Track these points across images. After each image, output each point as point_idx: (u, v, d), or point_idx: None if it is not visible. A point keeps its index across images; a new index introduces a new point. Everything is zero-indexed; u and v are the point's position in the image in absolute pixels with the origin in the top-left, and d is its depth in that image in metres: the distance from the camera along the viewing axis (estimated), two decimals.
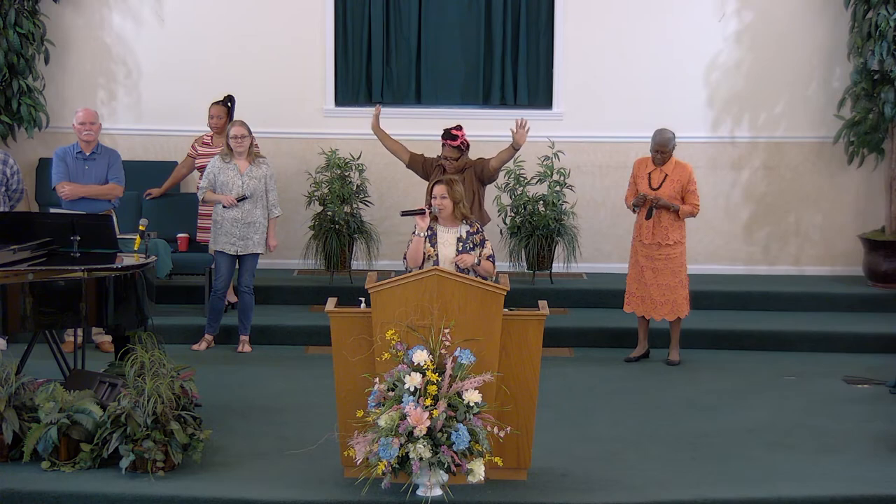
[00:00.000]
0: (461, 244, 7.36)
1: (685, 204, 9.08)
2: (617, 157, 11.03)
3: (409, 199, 10.47)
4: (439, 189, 7.36)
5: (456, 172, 9.08)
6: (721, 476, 6.88)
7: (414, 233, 7.35)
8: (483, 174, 9.26)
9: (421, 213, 7.36)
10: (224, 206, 9.26)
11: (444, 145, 9.25)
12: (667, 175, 9.09)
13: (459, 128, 9.27)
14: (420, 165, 9.44)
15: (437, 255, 7.34)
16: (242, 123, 9.38)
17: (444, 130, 9.27)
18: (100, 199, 9.23)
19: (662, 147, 9.07)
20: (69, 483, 6.59)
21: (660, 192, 9.06)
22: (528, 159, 10.45)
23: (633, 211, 9.25)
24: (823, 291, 10.63)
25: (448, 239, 7.38)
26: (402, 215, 7.64)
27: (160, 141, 11.05)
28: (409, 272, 7.15)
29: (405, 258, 7.42)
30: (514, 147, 9.22)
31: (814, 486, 6.68)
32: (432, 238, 7.35)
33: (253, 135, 9.62)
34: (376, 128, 9.50)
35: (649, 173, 9.14)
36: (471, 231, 7.40)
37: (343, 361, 6.65)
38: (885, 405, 8.31)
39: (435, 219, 7.39)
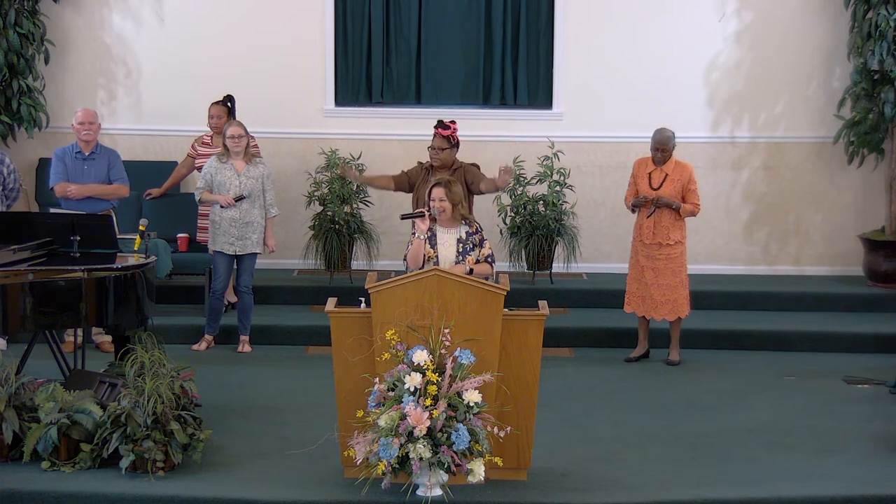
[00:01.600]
0: (461, 245, 7.35)
1: (686, 203, 9.08)
2: (617, 157, 11.03)
3: (409, 199, 10.46)
4: (438, 192, 7.34)
5: (446, 169, 9.05)
6: (721, 476, 6.88)
7: (414, 234, 7.35)
8: (472, 185, 9.19)
9: (420, 215, 7.35)
10: (222, 206, 9.26)
11: (434, 135, 9.20)
12: (667, 175, 9.09)
13: (454, 122, 9.26)
14: (406, 182, 9.37)
15: (437, 256, 7.33)
16: (239, 123, 9.40)
17: (439, 120, 9.25)
18: (106, 198, 9.24)
19: (663, 146, 9.07)
20: (69, 483, 6.58)
21: (660, 192, 9.06)
22: (528, 159, 10.45)
23: (633, 211, 9.25)
24: (823, 291, 10.64)
25: (448, 240, 7.37)
26: (402, 219, 7.63)
27: (160, 141, 11.06)
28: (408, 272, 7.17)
29: (405, 259, 7.42)
30: (497, 185, 9.19)
31: (814, 486, 6.68)
32: (432, 239, 7.35)
33: (250, 135, 9.62)
34: (359, 179, 9.59)
35: (649, 173, 9.14)
36: (470, 232, 7.39)
37: (343, 361, 6.65)
38: (885, 405, 8.31)
39: (434, 220, 7.39)
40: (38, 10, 10.66)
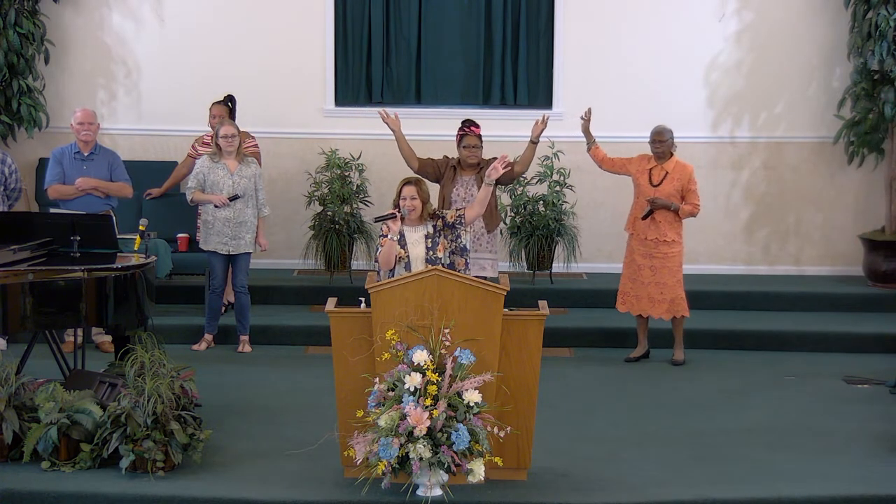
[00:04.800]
0: (429, 241, 7.34)
1: (686, 204, 9.08)
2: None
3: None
4: (410, 190, 7.33)
5: (475, 168, 9.07)
6: (721, 476, 6.88)
7: (385, 236, 7.31)
8: (502, 176, 9.16)
9: (392, 216, 7.33)
10: (216, 206, 9.26)
11: (465, 135, 9.12)
12: (667, 173, 9.10)
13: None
14: (431, 169, 9.26)
15: (408, 256, 7.32)
16: (231, 123, 9.43)
17: (464, 120, 9.23)
18: (111, 194, 9.24)
19: (660, 136, 9.09)
20: (69, 483, 6.59)
21: (659, 190, 9.08)
22: None
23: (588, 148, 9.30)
24: (823, 291, 10.64)
25: (417, 238, 7.36)
26: (376, 221, 7.56)
27: (160, 141, 11.05)
28: (380, 274, 7.20)
29: (377, 261, 7.40)
30: (532, 141, 9.18)
31: (814, 486, 6.68)
32: (401, 240, 7.31)
33: (250, 135, 9.59)
34: (399, 130, 9.21)
35: (650, 170, 9.15)
36: (436, 226, 7.39)
37: (343, 361, 6.65)
38: (885, 405, 8.31)
39: (402, 220, 7.37)
40: (38, 10, 10.66)
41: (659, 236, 9.10)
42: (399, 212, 7.30)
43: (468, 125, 9.21)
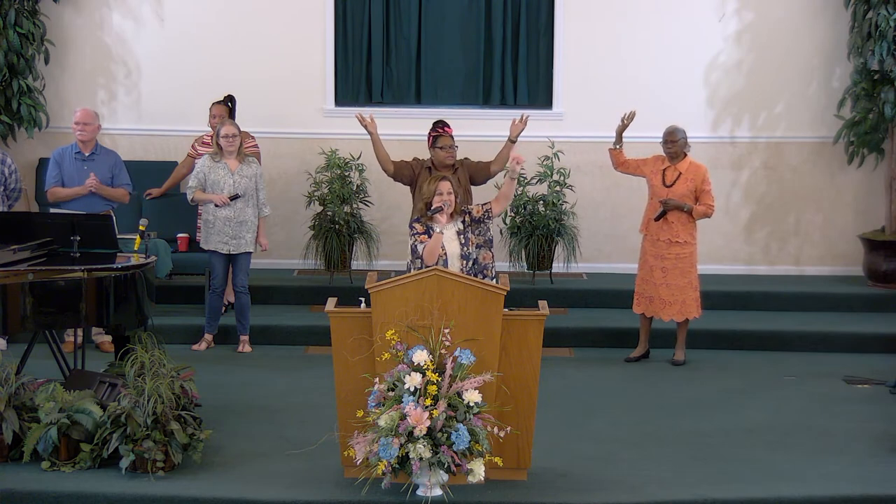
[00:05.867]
0: (462, 237, 7.39)
1: (699, 204, 9.07)
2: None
3: (409, 199, 10.46)
4: (446, 185, 7.44)
5: (450, 169, 9.05)
6: (721, 476, 6.88)
7: (422, 234, 7.33)
8: (478, 175, 9.18)
9: (440, 210, 7.41)
10: (217, 206, 9.26)
11: (440, 136, 9.08)
12: (681, 173, 9.10)
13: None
14: (406, 172, 9.19)
15: (445, 254, 7.38)
16: (232, 123, 9.44)
17: (436, 121, 9.18)
18: (109, 199, 9.24)
19: (671, 137, 9.09)
20: (69, 483, 6.59)
21: (672, 190, 9.07)
22: (528, 159, 10.35)
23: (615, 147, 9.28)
24: (823, 291, 10.64)
25: (450, 236, 7.44)
26: (432, 213, 7.51)
27: (160, 141, 11.06)
28: (409, 271, 7.18)
29: (420, 257, 7.38)
30: (511, 140, 9.17)
31: (814, 486, 6.68)
32: None
33: (250, 135, 9.57)
34: (375, 132, 9.29)
35: (663, 170, 9.14)
36: (465, 221, 7.45)
37: (343, 361, 6.65)
38: (885, 405, 8.31)
39: (430, 218, 7.41)
40: (38, 10, 10.66)
41: (671, 237, 9.10)
42: (443, 206, 7.36)
43: (441, 126, 9.16)
